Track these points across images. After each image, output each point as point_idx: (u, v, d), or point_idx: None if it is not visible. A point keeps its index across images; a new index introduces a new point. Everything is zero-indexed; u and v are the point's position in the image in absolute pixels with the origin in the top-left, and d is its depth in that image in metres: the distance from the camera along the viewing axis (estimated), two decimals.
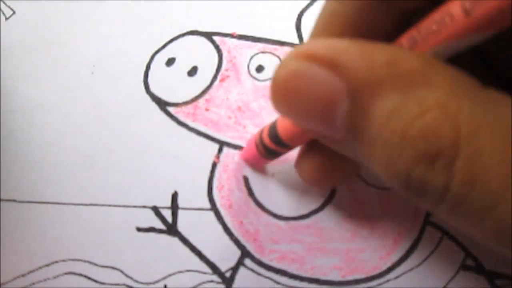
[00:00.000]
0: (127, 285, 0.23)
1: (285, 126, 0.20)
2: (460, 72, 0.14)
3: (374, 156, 0.15)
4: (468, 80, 0.14)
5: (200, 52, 0.26)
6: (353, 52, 0.14)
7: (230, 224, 0.23)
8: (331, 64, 0.14)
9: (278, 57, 0.26)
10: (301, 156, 0.22)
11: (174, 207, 0.24)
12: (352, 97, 0.14)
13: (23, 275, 0.23)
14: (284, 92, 0.15)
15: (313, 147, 0.21)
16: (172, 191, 0.24)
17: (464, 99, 0.13)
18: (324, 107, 0.15)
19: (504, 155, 0.13)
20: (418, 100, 0.13)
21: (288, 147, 0.21)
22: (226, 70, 0.26)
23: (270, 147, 0.21)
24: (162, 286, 0.22)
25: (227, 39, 0.27)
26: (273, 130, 0.21)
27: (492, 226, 0.13)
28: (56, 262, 0.23)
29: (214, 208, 0.24)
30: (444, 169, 0.13)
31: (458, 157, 0.13)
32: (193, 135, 0.25)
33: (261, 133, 0.22)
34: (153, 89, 0.26)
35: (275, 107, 0.16)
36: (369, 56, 0.14)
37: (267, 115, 0.25)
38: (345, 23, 0.17)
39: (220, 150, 0.24)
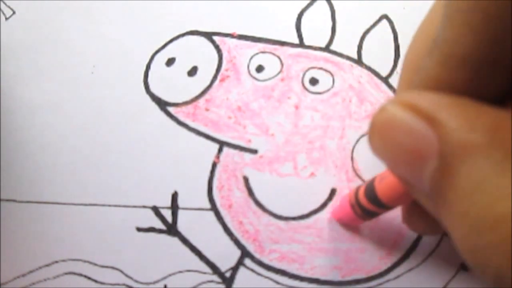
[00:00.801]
0: (127, 285, 0.23)
1: (384, 188, 0.19)
2: None
3: (452, 223, 0.13)
4: None
5: (200, 52, 0.26)
6: (454, 110, 0.13)
7: (230, 224, 0.23)
8: (429, 118, 0.13)
9: (278, 57, 0.26)
10: (407, 211, 0.21)
11: (174, 207, 0.24)
12: (443, 157, 0.13)
13: (23, 275, 0.23)
14: (380, 135, 0.15)
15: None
16: (172, 191, 0.24)
17: None
18: (414, 159, 0.14)
19: None
20: (510, 175, 0.12)
21: (386, 208, 0.20)
22: (226, 70, 0.26)
23: (367, 207, 0.20)
24: (162, 286, 0.22)
25: (227, 39, 0.27)
26: (370, 191, 0.20)
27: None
28: (56, 262, 0.23)
29: (214, 208, 0.24)
30: None
31: None
32: (193, 135, 0.25)
33: (356, 193, 0.21)
34: (153, 89, 0.26)
35: (371, 146, 0.16)
36: (468, 117, 0.13)
37: (267, 115, 0.25)
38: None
39: (220, 150, 0.24)
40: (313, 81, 0.26)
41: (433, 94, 0.14)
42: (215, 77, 0.26)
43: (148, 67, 0.26)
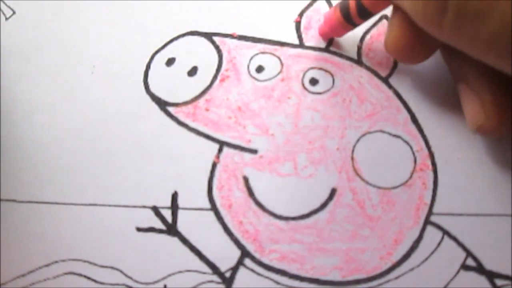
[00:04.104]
0: (127, 285, 0.23)
1: None
2: None
3: None
4: None
5: (200, 52, 0.26)
6: None
7: (230, 224, 0.23)
8: None
9: (278, 57, 0.26)
10: (388, 29, 0.23)
11: (174, 207, 0.24)
12: None
13: (23, 275, 0.23)
14: None
15: (399, 21, 0.22)
16: (172, 191, 0.24)
17: None
18: None
19: None
20: None
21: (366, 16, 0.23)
22: (226, 70, 0.26)
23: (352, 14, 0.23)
24: (162, 286, 0.22)
25: (227, 39, 0.27)
26: None
27: (490, 31, 0.15)
28: (56, 262, 0.23)
29: (214, 208, 0.23)
30: None
31: None
32: (193, 135, 0.25)
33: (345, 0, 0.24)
34: (153, 89, 0.26)
35: None
36: None
37: (267, 115, 0.25)
38: None
39: (220, 150, 0.24)
40: (313, 81, 0.26)
41: None
42: (215, 77, 0.26)
43: (148, 67, 0.26)
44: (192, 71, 0.26)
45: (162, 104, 0.25)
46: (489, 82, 0.21)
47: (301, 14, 0.27)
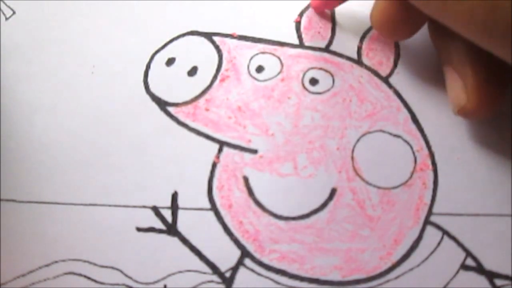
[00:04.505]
0: (127, 285, 0.23)
1: None
2: None
3: None
4: None
5: (200, 52, 0.26)
6: None
7: (230, 224, 0.23)
8: None
9: (278, 57, 0.26)
10: (374, 3, 0.23)
11: (174, 207, 0.24)
12: None
13: (23, 275, 0.23)
14: None
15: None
16: (172, 191, 0.24)
17: None
18: None
19: None
20: None
21: None
22: (226, 70, 0.26)
23: None
24: (162, 286, 0.22)
25: (227, 39, 0.27)
26: None
27: (470, 5, 0.15)
28: (56, 262, 0.23)
29: (214, 208, 0.23)
30: None
31: None
32: (193, 135, 0.25)
33: None
34: (153, 89, 0.26)
35: None
36: None
37: (267, 115, 0.25)
38: None
39: (220, 150, 0.24)
40: (313, 81, 0.26)
41: None
42: (215, 77, 0.26)
43: (148, 67, 0.26)
44: (192, 71, 0.26)
45: (162, 104, 0.25)
46: (473, 64, 0.21)
47: (301, 14, 0.27)
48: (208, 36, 0.27)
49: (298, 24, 0.27)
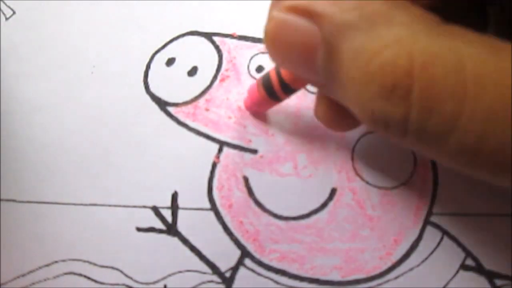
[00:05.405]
0: (127, 285, 0.23)
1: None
2: (422, 11, 0.15)
3: (347, 96, 0.16)
4: (428, 17, 0.15)
5: (200, 52, 0.26)
6: (327, 0, 0.15)
7: (230, 224, 0.23)
8: (308, 13, 0.15)
9: None
10: (317, 101, 0.22)
11: (174, 207, 0.24)
12: (326, 42, 0.15)
13: (23, 275, 0.23)
14: (272, 42, 0.17)
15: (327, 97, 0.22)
16: (172, 191, 0.24)
17: (421, 34, 0.14)
18: (305, 53, 0.16)
19: (457, 78, 0.13)
20: (378, 38, 0.14)
21: (290, 91, 0.22)
22: (226, 70, 0.26)
23: (275, 89, 0.22)
24: (162, 286, 0.22)
25: (227, 39, 0.27)
26: (277, 74, 0.22)
27: (455, 147, 0.14)
28: (56, 262, 0.23)
29: (214, 208, 0.23)
30: (401, 100, 0.14)
31: (413, 87, 0.14)
32: (193, 135, 0.25)
33: (266, 76, 0.22)
34: (153, 89, 0.26)
35: (269, 54, 0.17)
36: (339, 2, 0.15)
37: (267, 115, 0.25)
38: None
39: (220, 150, 0.24)
40: None
41: None
42: (215, 77, 0.26)
43: (148, 67, 0.26)
44: (192, 71, 0.26)
45: (162, 104, 0.25)
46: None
47: None
48: (208, 36, 0.27)
49: None
